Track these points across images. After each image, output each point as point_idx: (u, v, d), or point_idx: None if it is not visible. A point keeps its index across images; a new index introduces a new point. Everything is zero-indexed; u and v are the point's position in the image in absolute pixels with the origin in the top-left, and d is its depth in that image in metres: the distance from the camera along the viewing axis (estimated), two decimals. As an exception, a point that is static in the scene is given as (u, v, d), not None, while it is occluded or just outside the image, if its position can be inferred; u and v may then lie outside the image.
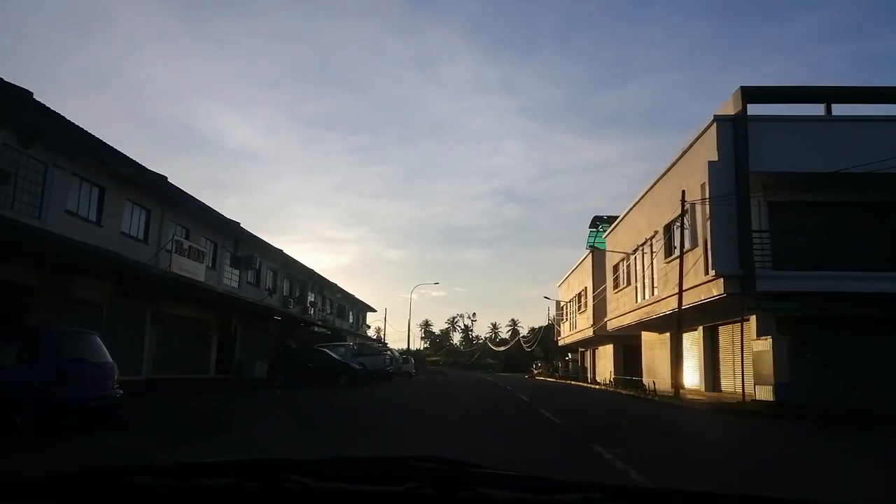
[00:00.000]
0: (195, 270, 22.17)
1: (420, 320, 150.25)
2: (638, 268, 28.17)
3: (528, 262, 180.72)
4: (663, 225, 23.70)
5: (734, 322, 21.35)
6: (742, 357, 18.94)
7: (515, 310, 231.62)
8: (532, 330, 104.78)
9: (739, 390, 20.92)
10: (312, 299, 43.03)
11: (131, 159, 19.73)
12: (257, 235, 31.45)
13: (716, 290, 18.68)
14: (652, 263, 25.76)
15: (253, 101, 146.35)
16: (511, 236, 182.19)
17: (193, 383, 22.81)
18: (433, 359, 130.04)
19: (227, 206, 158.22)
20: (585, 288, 41.07)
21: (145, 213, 22.10)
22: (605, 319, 33.82)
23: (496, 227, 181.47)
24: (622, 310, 30.07)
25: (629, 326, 29.91)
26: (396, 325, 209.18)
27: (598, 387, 35.42)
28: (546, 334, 74.36)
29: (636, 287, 28.48)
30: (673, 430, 12.86)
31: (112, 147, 18.72)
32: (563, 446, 9.57)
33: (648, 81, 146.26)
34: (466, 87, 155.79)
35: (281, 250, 36.08)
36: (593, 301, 38.37)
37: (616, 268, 32.23)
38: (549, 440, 10.33)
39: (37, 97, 14.36)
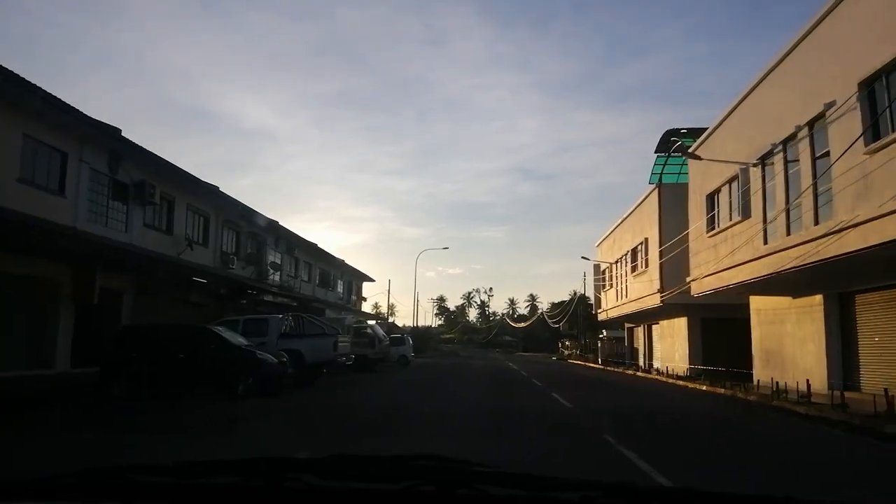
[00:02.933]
0: None
1: (435, 297, 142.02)
2: (769, 187, 16.75)
3: (544, 238, 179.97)
4: (860, 80, 12.18)
5: None
6: None
7: (533, 286, 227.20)
8: (555, 304, 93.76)
9: None
10: (276, 260, 32.17)
11: None
12: (158, 155, 20.46)
13: None
14: (814, 171, 14.32)
15: (266, 81, 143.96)
16: (527, 212, 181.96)
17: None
18: (447, 336, 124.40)
19: (242, 186, 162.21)
20: (645, 240, 29.66)
21: None
22: (688, 280, 22.50)
23: (512, 203, 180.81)
24: (730, 261, 18.69)
25: (739, 286, 18.60)
26: (410, 303, 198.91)
27: (678, 382, 24.16)
28: (576, 308, 63.19)
29: (762, 221, 17.10)
30: None
31: None
32: None
33: (667, 53, 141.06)
34: (480, 63, 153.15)
35: (216, 187, 25.15)
36: (660, 257, 27.00)
37: (714, 197, 20.79)
38: None
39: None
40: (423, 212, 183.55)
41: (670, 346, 30.23)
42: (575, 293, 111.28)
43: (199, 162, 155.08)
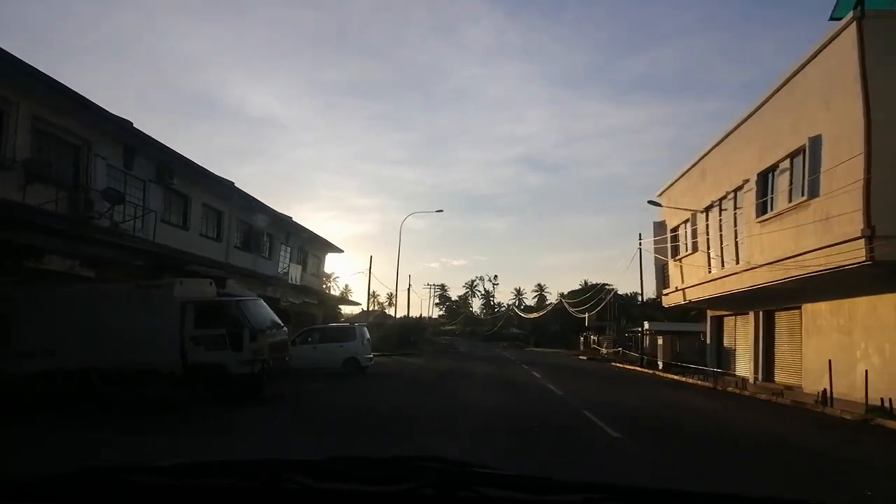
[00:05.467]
0: None
1: (436, 286, 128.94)
2: None
3: (551, 230, 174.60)
4: None
5: None
6: None
7: (539, 278, 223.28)
8: (575, 291, 79.61)
9: None
10: (121, 189, 18.08)
11: None
12: None
13: None
14: None
15: (273, 69, 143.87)
16: (534, 203, 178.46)
17: None
18: (449, 328, 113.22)
19: (248, 174, 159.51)
20: (810, 143, 15.18)
21: None
22: None
23: (518, 194, 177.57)
24: None
25: None
26: (418, 292, 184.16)
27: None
28: (612, 298, 49.13)
29: None
30: None
31: None
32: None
33: (675, 45, 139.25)
34: (488, 52, 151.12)
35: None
36: (867, 168, 12.80)
37: None
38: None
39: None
40: (428, 202, 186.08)
41: (845, 350, 16.07)
42: (586, 282, 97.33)
43: (204, 150, 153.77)
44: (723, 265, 21.31)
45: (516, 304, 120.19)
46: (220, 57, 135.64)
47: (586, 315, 55.56)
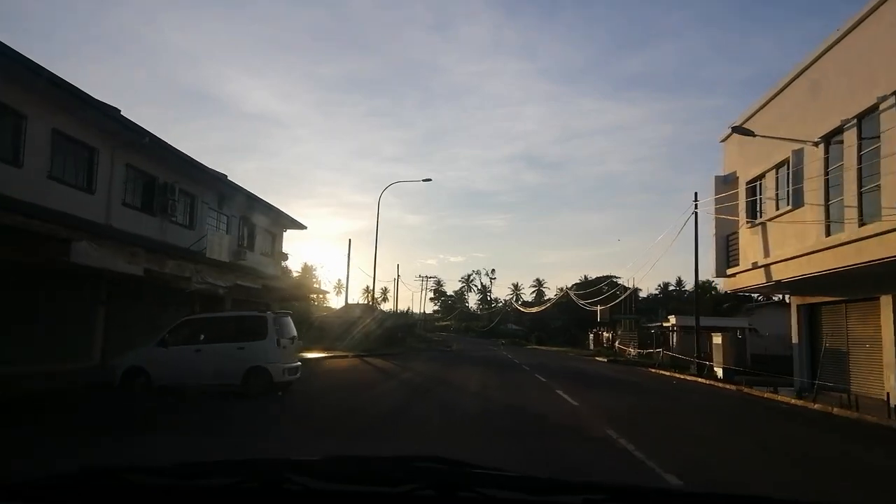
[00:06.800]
0: None
1: (434, 284, 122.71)
2: None
3: (548, 227, 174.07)
4: None
5: None
6: None
7: (536, 275, 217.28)
8: (572, 287, 71.89)
9: None
10: None
11: None
12: None
13: None
14: None
15: (271, 65, 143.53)
16: (531, 201, 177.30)
17: None
18: (443, 323, 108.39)
19: (245, 171, 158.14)
20: None
21: None
22: None
23: (516, 191, 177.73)
24: None
25: None
26: (411, 286, 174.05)
27: None
28: (626, 291, 41.37)
29: None
30: None
31: None
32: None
33: (672, 42, 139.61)
34: (486, 48, 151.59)
35: None
36: None
37: None
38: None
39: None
40: (425, 199, 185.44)
41: None
42: (585, 277, 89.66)
43: (202, 146, 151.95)
44: (861, 221, 13.40)
45: (514, 299, 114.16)
46: (217, 52, 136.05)
47: (598, 308, 47.80)
